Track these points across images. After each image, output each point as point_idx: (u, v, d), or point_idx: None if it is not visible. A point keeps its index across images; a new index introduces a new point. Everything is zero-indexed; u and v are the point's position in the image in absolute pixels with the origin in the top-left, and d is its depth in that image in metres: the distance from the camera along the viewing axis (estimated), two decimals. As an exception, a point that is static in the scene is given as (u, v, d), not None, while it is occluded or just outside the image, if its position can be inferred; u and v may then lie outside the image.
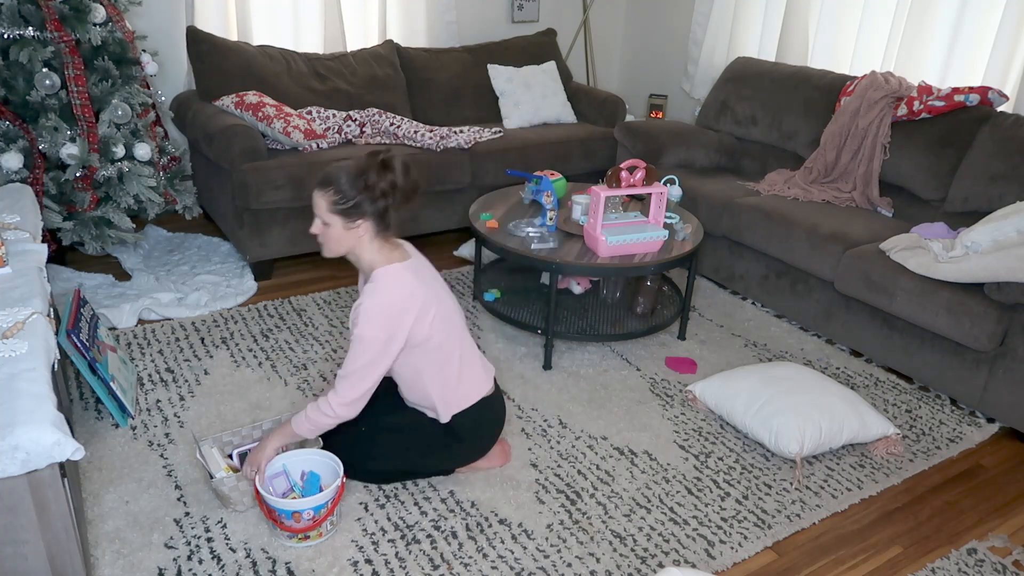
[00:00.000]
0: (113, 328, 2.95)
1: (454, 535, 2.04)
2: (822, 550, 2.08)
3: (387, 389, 2.21)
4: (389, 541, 2.01)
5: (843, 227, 3.08)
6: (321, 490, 2.01)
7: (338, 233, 1.93)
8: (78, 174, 2.90)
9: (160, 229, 3.85)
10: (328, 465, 2.06)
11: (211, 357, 2.80)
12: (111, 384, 2.33)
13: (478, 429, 2.16)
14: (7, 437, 1.33)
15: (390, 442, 2.14)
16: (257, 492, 1.93)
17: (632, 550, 2.03)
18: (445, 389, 2.08)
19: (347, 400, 1.95)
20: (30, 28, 2.83)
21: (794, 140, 3.77)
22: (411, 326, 1.96)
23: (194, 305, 3.12)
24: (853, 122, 3.45)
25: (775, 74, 3.91)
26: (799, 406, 2.39)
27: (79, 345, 2.24)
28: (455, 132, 3.87)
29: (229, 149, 3.24)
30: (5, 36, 2.81)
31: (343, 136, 3.70)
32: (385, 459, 2.15)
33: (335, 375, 2.73)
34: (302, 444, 2.14)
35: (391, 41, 4.23)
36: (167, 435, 2.36)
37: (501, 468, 2.30)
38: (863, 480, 2.35)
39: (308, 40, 4.17)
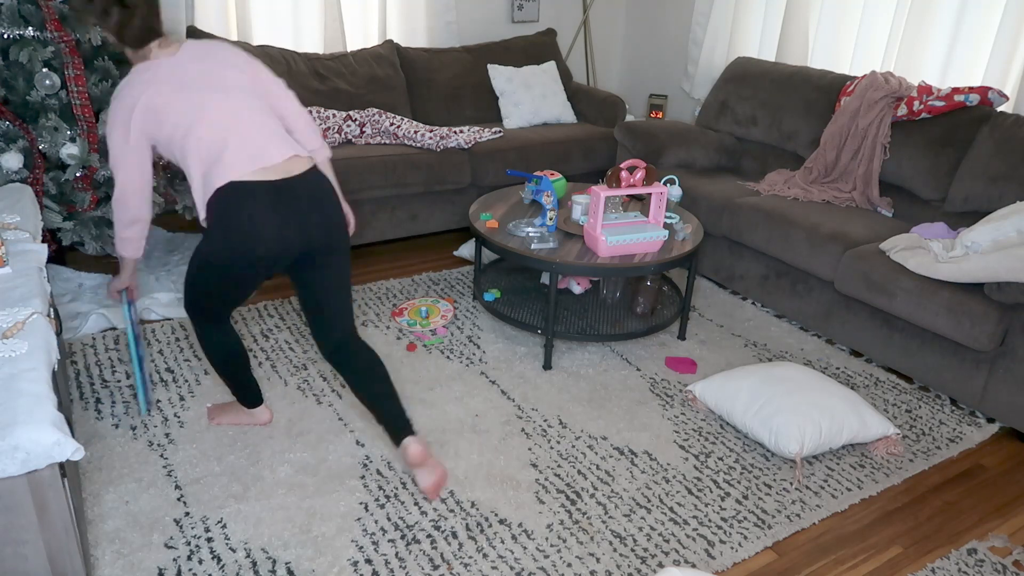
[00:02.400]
0: (113, 328, 2.95)
1: (454, 535, 2.04)
2: (822, 550, 2.08)
3: None
4: (389, 541, 2.01)
5: (843, 227, 3.08)
6: None
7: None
8: (78, 174, 2.90)
9: (160, 229, 3.85)
10: None
11: (211, 357, 2.80)
12: (144, 365, 2.45)
13: (226, 214, 1.92)
14: (7, 437, 1.33)
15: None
16: None
17: (632, 550, 2.03)
18: (202, 178, 1.95)
19: (115, 198, 2.04)
20: (30, 28, 2.83)
21: (794, 140, 3.77)
22: (137, 118, 1.92)
23: (194, 305, 3.12)
24: (853, 122, 3.45)
25: (775, 74, 3.91)
26: (799, 406, 2.39)
27: (133, 320, 2.37)
28: (455, 132, 3.87)
29: (229, 149, 3.23)
30: (5, 36, 2.81)
31: (343, 136, 3.70)
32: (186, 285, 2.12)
33: (335, 375, 2.73)
34: None
35: (391, 41, 4.23)
36: (167, 435, 2.36)
37: (501, 468, 2.29)
38: (863, 480, 2.35)
39: (308, 40, 4.17)
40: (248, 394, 2.36)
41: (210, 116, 1.94)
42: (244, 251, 1.94)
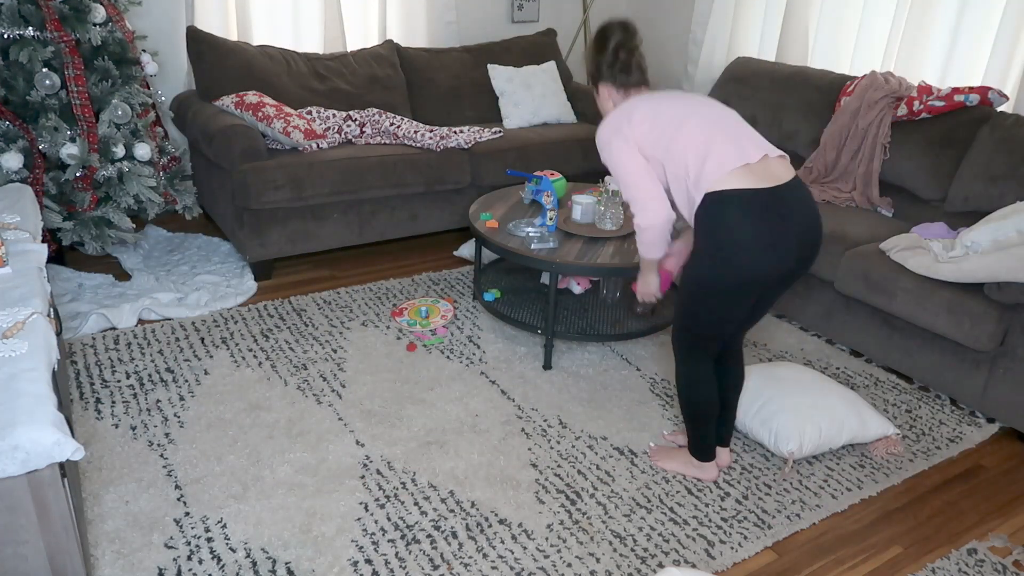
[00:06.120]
0: (113, 328, 2.95)
1: (454, 535, 2.04)
2: (822, 550, 2.08)
3: None
4: (389, 541, 2.01)
5: (843, 227, 3.08)
6: None
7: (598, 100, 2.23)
8: (78, 174, 2.90)
9: (160, 229, 3.85)
10: None
11: (211, 357, 2.80)
12: None
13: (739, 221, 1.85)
14: (7, 437, 1.33)
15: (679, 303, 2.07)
16: None
17: (632, 550, 2.03)
18: (692, 175, 1.91)
19: (640, 222, 2.05)
20: (30, 28, 2.83)
21: (794, 140, 3.77)
22: (633, 127, 2.02)
23: (194, 305, 3.12)
24: (853, 122, 3.45)
25: (775, 74, 3.91)
26: (799, 406, 2.39)
27: None
28: (455, 132, 3.86)
29: (229, 149, 3.24)
30: (5, 36, 2.81)
31: (343, 136, 3.70)
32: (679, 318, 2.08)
33: (335, 375, 2.73)
34: None
35: (391, 41, 4.23)
36: (167, 435, 2.36)
37: (501, 468, 2.29)
38: (863, 480, 2.35)
39: (308, 40, 4.17)
40: (705, 449, 2.24)
41: (691, 124, 1.97)
42: (743, 271, 1.89)
